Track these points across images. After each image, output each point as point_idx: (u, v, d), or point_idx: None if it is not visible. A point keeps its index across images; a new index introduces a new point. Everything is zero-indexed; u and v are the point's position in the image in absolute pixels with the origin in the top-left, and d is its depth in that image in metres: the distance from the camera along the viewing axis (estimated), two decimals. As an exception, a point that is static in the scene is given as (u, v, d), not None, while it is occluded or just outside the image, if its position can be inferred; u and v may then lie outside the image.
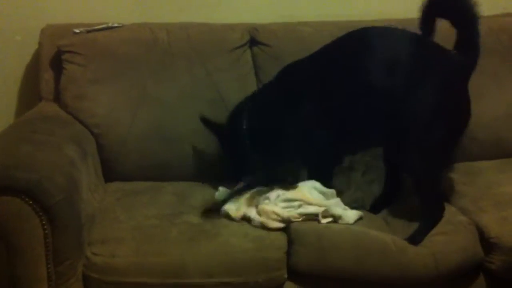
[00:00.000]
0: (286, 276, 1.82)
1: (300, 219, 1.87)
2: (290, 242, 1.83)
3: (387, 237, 1.84)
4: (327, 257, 1.82)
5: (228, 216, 1.91)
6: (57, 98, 2.23)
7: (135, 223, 1.89)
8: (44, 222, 1.65)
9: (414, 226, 1.90)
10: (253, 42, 2.32)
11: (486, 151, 2.34)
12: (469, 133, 2.31)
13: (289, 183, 1.97)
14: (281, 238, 1.85)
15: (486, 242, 1.89)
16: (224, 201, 1.96)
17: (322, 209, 1.88)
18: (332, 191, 1.98)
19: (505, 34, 2.41)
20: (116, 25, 2.30)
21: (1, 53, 2.38)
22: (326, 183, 1.99)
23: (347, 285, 1.85)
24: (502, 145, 2.35)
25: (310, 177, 2.00)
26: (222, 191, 2.05)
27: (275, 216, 1.86)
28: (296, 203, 1.89)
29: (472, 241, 1.88)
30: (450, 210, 1.99)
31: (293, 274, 1.83)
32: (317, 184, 1.97)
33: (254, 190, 1.99)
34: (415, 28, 1.94)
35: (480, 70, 2.34)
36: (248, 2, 2.48)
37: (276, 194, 1.93)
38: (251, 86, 2.25)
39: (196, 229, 1.86)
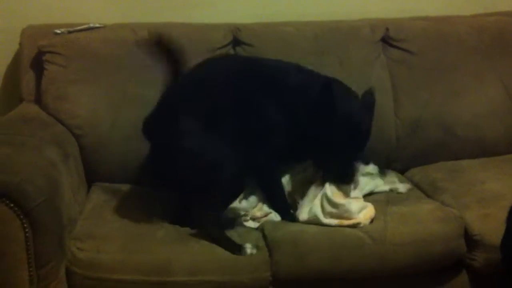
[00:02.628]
0: (270, 278, 1.82)
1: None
2: (269, 251, 1.83)
3: (361, 232, 1.84)
4: (306, 261, 1.82)
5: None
6: (38, 99, 2.21)
7: (122, 223, 1.89)
8: (25, 225, 1.62)
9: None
10: (236, 42, 2.31)
11: (467, 149, 2.36)
12: (450, 131, 2.34)
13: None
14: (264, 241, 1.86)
15: (469, 239, 1.90)
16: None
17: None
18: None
19: (486, 33, 2.43)
20: (97, 25, 2.28)
21: (-19, 54, 2.36)
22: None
23: (329, 285, 1.87)
24: (483, 143, 2.37)
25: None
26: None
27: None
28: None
29: (458, 233, 1.90)
30: (435, 203, 2.01)
31: (275, 281, 1.83)
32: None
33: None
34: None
35: (462, 68, 2.39)
36: (231, 2, 2.47)
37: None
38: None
39: (182, 232, 1.86)
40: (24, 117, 2.11)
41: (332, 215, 1.88)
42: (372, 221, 1.89)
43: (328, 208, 1.88)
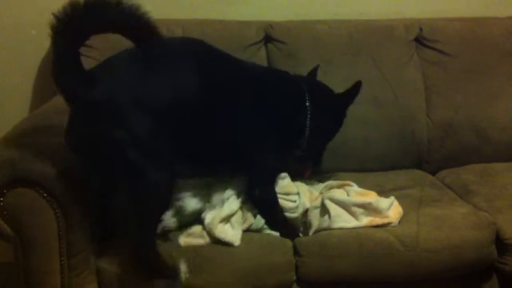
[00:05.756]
0: (294, 277, 1.81)
1: None
2: (296, 254, 1.81)
3: (392, 236, 1.81)
4: (334, 265, 1.80)
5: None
6: (72, 92, 2.23)
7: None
8: (58, 215, 1.65)
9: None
10: (268, 39, 2.32)
11: (500, 153, 2.33)
12: (483, 134, 2.31)
13: None
14: (287, 242, 1.83)
15: (500, 243, 1.88)
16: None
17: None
18: None
19: (523, 36, 2.40)
20: (132, 20, 2.29)
21: (17, 47, 2.38)
22: None
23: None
24: (517, 147, 2.33)
25: None
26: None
27: None
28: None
29: (490, 240, 1.86)
30: (468, 207, 1.98)
31: (302, 283, 1.83)
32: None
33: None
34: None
35: (497, 71, 2.36)
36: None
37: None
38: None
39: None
40: (58, 110, 2.13)
41: (364, 214, 1.85)
42: (400, 220, 1.87)
43: (359, 210, 1.85)
